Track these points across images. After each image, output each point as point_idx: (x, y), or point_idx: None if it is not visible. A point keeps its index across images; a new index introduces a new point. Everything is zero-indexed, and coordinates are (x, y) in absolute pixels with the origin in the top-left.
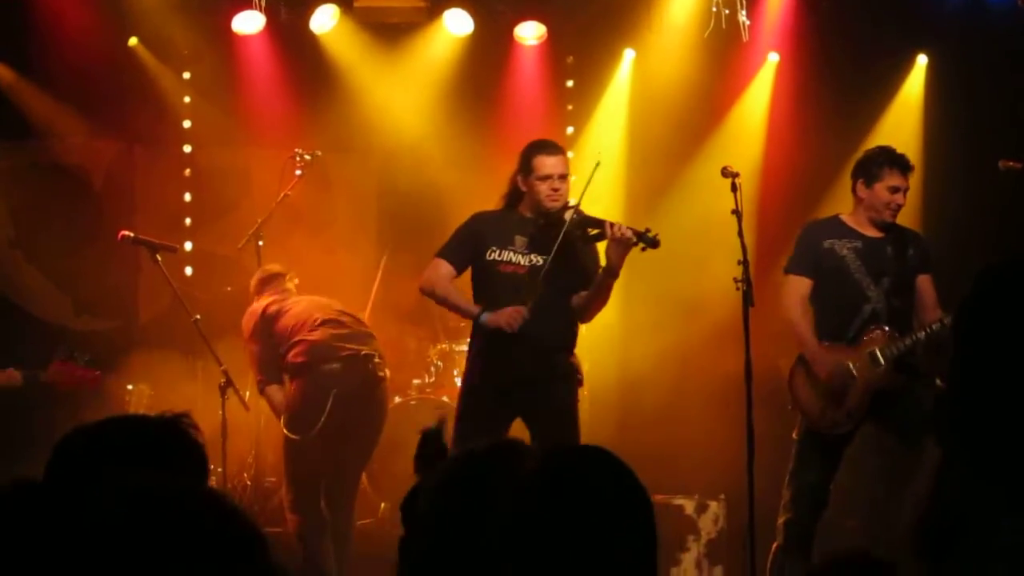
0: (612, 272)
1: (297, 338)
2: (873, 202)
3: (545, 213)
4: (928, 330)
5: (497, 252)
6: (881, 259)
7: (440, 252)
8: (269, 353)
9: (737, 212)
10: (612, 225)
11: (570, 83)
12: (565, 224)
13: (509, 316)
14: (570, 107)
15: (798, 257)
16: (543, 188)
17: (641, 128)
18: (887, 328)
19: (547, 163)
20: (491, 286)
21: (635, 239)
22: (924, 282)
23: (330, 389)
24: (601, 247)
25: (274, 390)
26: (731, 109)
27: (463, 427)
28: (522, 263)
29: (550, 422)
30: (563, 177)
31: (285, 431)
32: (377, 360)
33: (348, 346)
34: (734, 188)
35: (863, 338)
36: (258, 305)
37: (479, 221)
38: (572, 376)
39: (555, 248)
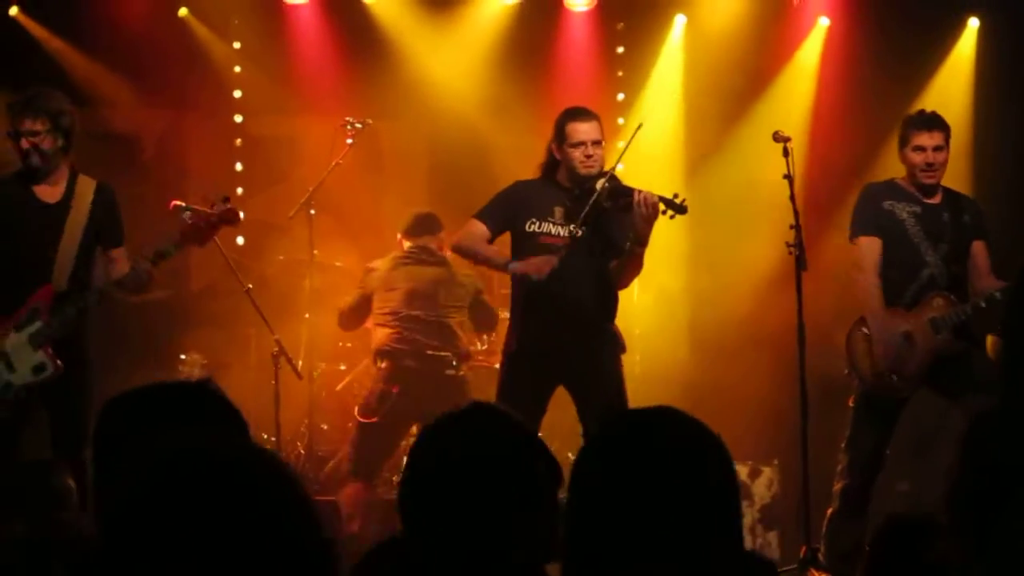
0: (639, 240)
1: (388, 321)
2: (907, 166)
3: (580, 181)
4: (990, 298)
5: (537, 224)
6: (939, 224)
7: (477, 213)
8: (360, 306)
9: (789, 176)
10: (639, 193)
11: (620, 49)
12: (596, 193)
13: (539, 263)
14: (620, 73)
15: (862, 219)
16: (576, 155)
17: (693, 93)
18: (949, 295)
19: (580, 129)
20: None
21: (662, 206)
22: (979, 248)
23: (398, 382)
24: None
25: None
26: (781, 73)
27: (503, 400)
28: (561, 234)
29: (594, 387)
30: (596, 143)
31: (357, 416)
32: (454, 361)
33: (428, 345)
34: (786, 153)
35: (923, 303)
36: (380, 264)
37: (520, 190)
38: (614, 342)
39: (583, 218)
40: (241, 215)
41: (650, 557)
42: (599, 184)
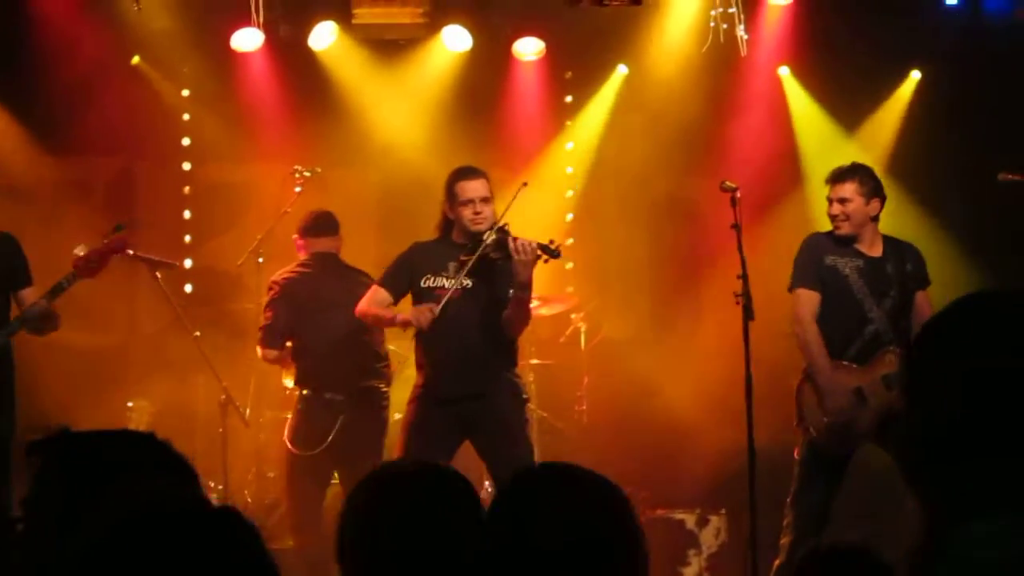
0: (519, 285)
1: (308, 352)
2: None
3: (471, 237)
4: None
5: (432, 279)
6: (883, 278)
7: (379, 280)
8: (280, 322)
9: (736, 226)
10: (515, 240)
11: (569, 98)
12: (482, 245)
13: (419, 311)
14: (569, 122)
15: (803, 271)
16: (466, 212)
17: (636, 142)
18: (899, 351)
19: (467, 188)
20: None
21: (538, 251)
22: (921, 298)
23: (336, 416)
24: None
25: (273, 353)
26: (729, 122)
27: (407, 437)
28: (456, 287)
29: (494, 437)
30: (485, 200)
31: (289, 445)
32: (383, 390)
33: (358, 380)
34: (733, 203)
35: (875, 360)
36: (285, 273)
37: (416, 251)
38: (514, 392)
39: (469, 268)
40: (128, 248)
41: None
42: (486, 236)
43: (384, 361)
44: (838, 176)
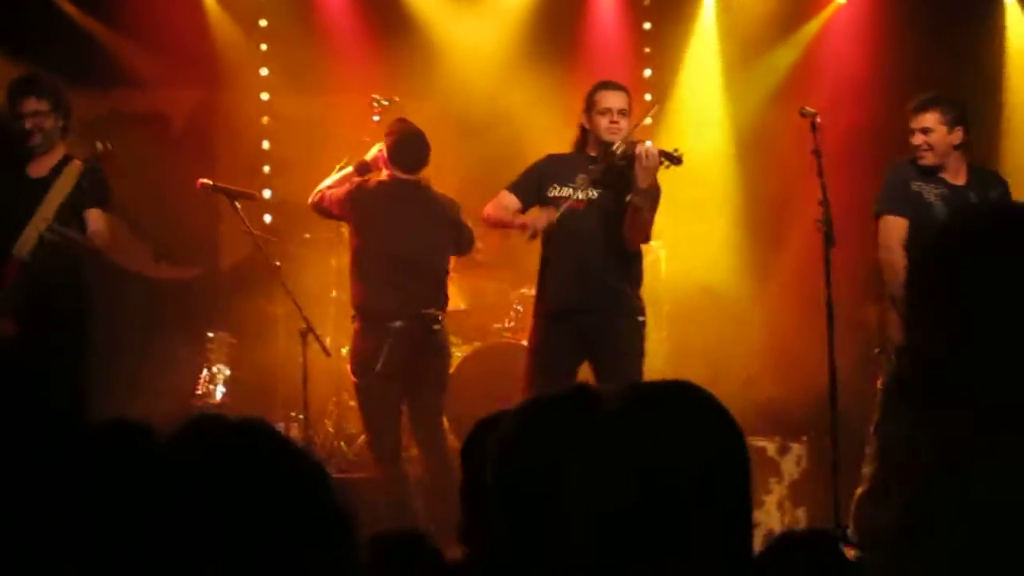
0: (637, 191)
1: (373, 276)
2: None
3: (604, 148)
4: None
5: (558, 188)
6: None
7: (508, 185)
8: (334, 211)
9: (817, 152)
10: (641, 144)
11: (647, 25)
12: (614, 157)
13: (537, 214)
14: (647, 49)
15: (891, 196)
16: (603, 121)
17: (724, 69)
18: None
19: (607, 97)
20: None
21: (659, 158)
22: None
23: (386, 339)
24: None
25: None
26: (810, 47)
27: (533, 360)
28: (581, 198)
29: (609, 355)
30: (622, 112)
31: (352, 376)
32: (440, 316)
33: (410, 306)
34: (813, 128)
35: None
36: (362, 183)
37: (548, 161)
38: (631, 312)
39: (599, 178)
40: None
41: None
42: (616, 147)
43: (443, 289)
44: (919, 106)
